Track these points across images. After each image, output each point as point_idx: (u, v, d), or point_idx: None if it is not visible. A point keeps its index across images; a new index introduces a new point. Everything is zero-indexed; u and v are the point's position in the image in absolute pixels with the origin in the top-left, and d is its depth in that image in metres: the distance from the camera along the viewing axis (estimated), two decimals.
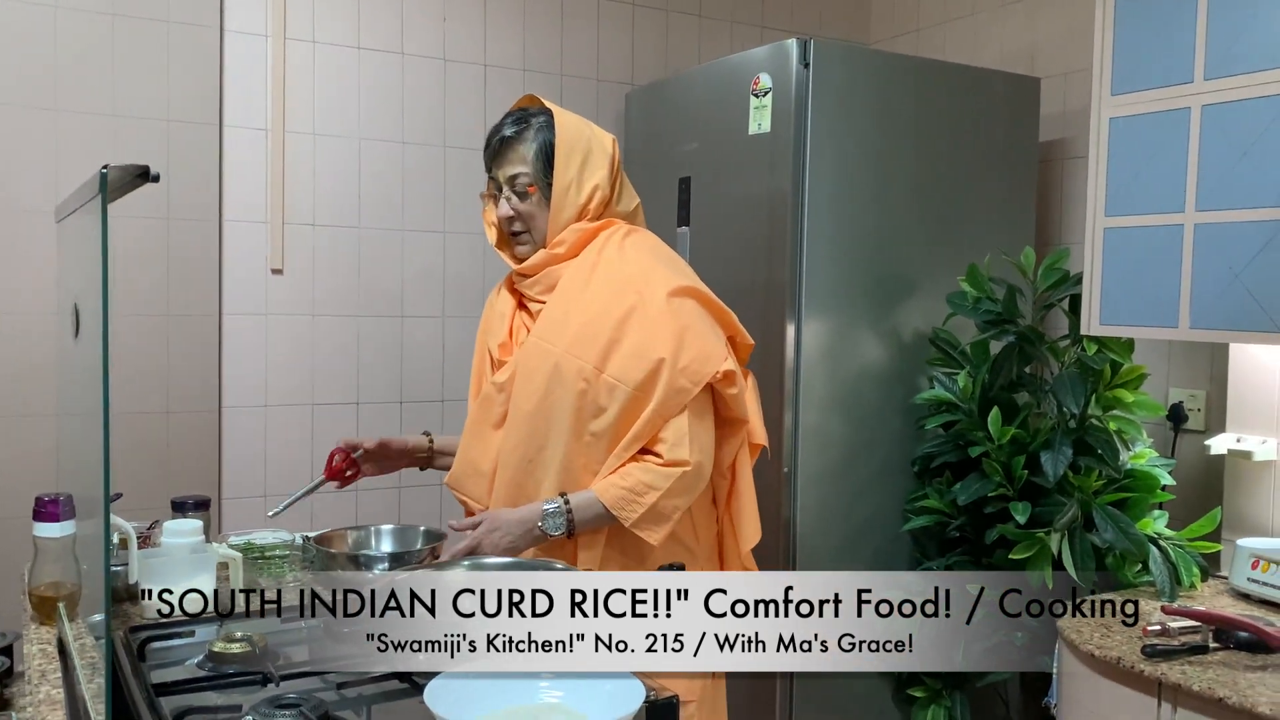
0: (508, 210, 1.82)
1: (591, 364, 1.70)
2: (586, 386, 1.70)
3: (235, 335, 2.71)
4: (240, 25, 2.67)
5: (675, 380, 1.68)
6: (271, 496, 2.75)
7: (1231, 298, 2.00)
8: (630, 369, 1.69)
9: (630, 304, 1.72)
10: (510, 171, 1.82)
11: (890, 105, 2.56)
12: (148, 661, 1.40)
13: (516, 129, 1.83)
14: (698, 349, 1.71)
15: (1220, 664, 1.75)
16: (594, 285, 1.76)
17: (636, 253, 1.80)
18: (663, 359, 1.68)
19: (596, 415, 1.70)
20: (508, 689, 1.12)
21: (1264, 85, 1.94)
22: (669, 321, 1.71)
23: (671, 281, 1.76)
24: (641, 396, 1.68)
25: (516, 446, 1.76)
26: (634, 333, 1.70)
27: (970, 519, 2.45)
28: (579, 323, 1.72)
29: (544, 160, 1.81)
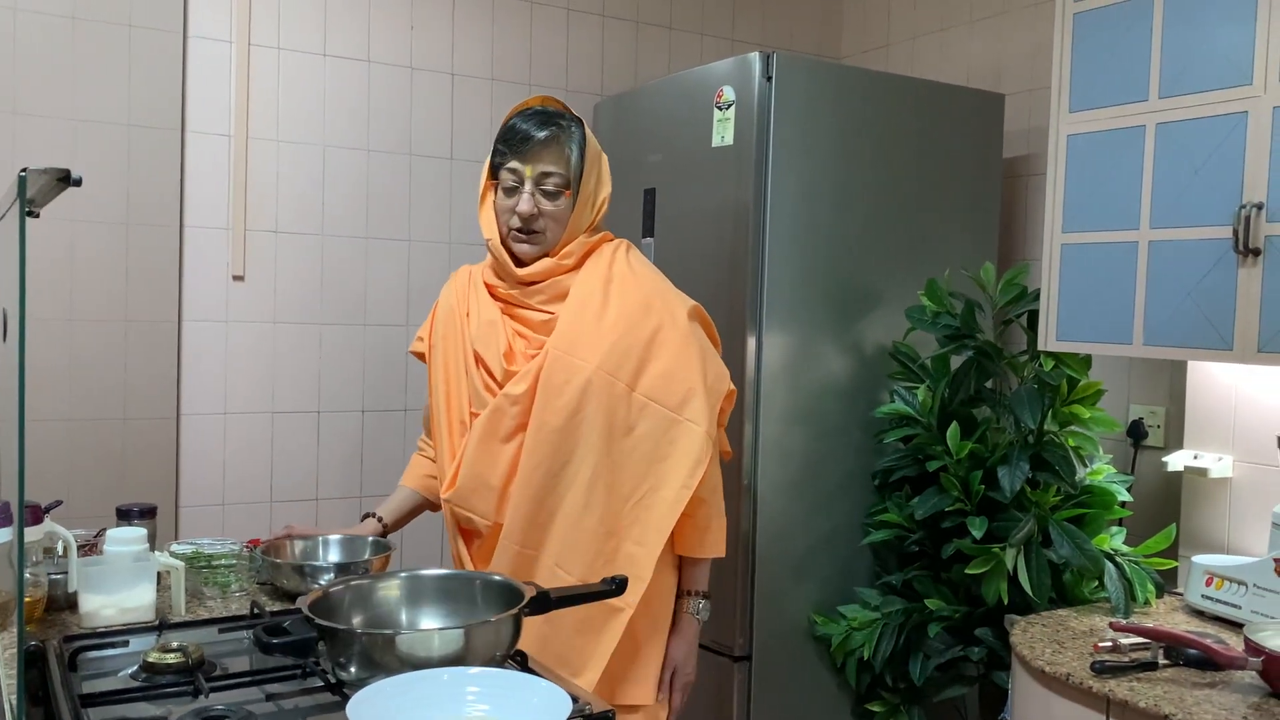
0: (532, 207, 1.77)
1: (624, 382, 1.72)
2: (618, 403, 1.72)
3: (195, 342, 2.68)
4: (204, 30, 2.66)
5: (710, 400, 1.76)
6: (230, 505, 2.73)
7: (1184, 314, 2.01)
8: (662, 389, 1.73)
9: (656, 324, 1.75)
10: (544, 169, 1.78)
11: (854, 119, 2.57)
12: (79, 672, 1.38)
13: (552, 129, 1.79)
14: (715, 369, 1.81)
15: (1168, 681, 1.75)
16: (614, 301, 1.77)
17: (646, 270, 1.85)
18: (697, 381, 1.74)
19: (627, 433, 1.73)
20: (434, 701, 1.10)
21: (1215, 104, 1.96)
22: (694, 343, 1.77)
23: (686, 302, 1.83)
24: (676, 418, 1.73)
25: (540, 462, 1.72)
26: (663, 353, 1.74)
27: (928, 533, 2.45)
28: (609, 340, 1.73)
29: (580, 165, 1.81)
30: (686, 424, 1.72)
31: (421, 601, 1.41)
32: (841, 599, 2.57)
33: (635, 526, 1.73)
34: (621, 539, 1.74)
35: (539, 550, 1.74)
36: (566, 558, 1.72)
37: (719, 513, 1.82)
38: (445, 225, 2.98)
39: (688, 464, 1.72)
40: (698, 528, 1.80)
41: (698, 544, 1.82)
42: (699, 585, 1.87)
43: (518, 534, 1.74)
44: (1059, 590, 2.30)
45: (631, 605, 1.71)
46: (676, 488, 1.72)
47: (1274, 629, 1.78)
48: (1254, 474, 2.21)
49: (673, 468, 1.73)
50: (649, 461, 1.73)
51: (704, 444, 1.73)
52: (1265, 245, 1.87)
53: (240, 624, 1.54)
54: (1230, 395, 2.26)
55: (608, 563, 1.72)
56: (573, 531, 1.72)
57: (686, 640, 1.86)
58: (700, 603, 1.87)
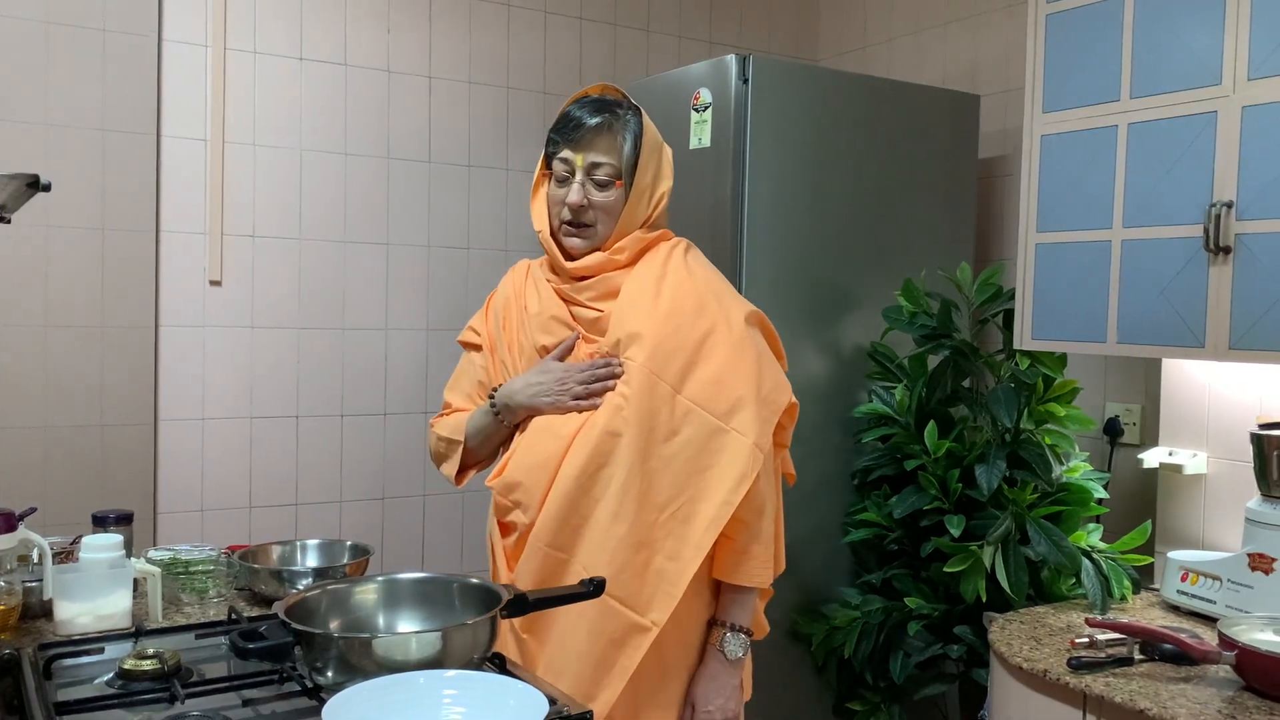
0: (582, 198, 1.71)
1: (668, 383, 1.62)
2: (661, 406, 1.62)
3: (172, 347, 2.67)
4: (179, 35, 2.65)
5: (762, 411, 1.63)
6: (208, 511, 2.72)
7: (1157, 313, 2.02)
8: (709, 395, 1.62)
9: (708, 325, 1.65)
10: (596, 159, 1.71)
11: (830, 121, 2.58)
12: (54, 680, 1.38)
13: (605, 117, 1.72)
14: (773, 378, 1.69)
15: (1144, 676, 1.77)
16: (665, 300, 1.67)
17: (704, 270, 1.75)
18: (748, 389, 1.63)
19: (669, 438, 1.62)
20: (410, 704, 1.10)
21: (1185, 104, 1.98)
22: (749, 349, 1.66)
23: (745, 306, 1.73)
24: (722, 426, 1.61)
25: (580, 460, 1.63)
26: (714, 357, 1.64)
27: (907, 532, 2.46)
28: (656, 338, 1.63)
29: (634, 156, 1.73)
30: (733, 434, 1.60)
31: (399, 605, 1.41)
32: (822, 598, 2.58)
33: (669, 540, 1.61)
34: (654, 552, 1.62)
35: (569, 554, 1.65)
36: (594, 565, 1.61)
37: (764, 539, 1.67)
38: (424, 229, 2.98)
39: (732, 478, 1.60)
40: (735, 551, 1.67)
41: (733, 569, 1.67)
42: (732, 617, 1.71)
43: (546, 534, 1.66)
44: (1037, 587, 2.31)
45: (658, 624, 1.60)
46: (718, 503, 1.60)
47: (1248, 624, 1.80)
48: (1228, 470, 2.23)
49: (715, 480, 1.61)
50: (689, 472, 1.61)
51: (751, 457, 1.60)
52: (1235, 243, 1.89)
53: (217, 629, 1.53)
54: (1204, 392, 2.28)
55: (636, 576, 1.61)
56: (601, 539, 1.62)
57: (709, 675, 1.70)
58: (730, 636, 1.70)
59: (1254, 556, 1.98)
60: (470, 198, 3.04)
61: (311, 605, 1.35)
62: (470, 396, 1.88)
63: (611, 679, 1.61)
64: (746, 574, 1.67)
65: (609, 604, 1.60)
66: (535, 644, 1.68)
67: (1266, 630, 1.77)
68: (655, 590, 1.62)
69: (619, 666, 1.61)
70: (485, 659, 1.31)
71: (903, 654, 2.43)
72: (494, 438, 1.82)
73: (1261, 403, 2.17)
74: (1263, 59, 1.86)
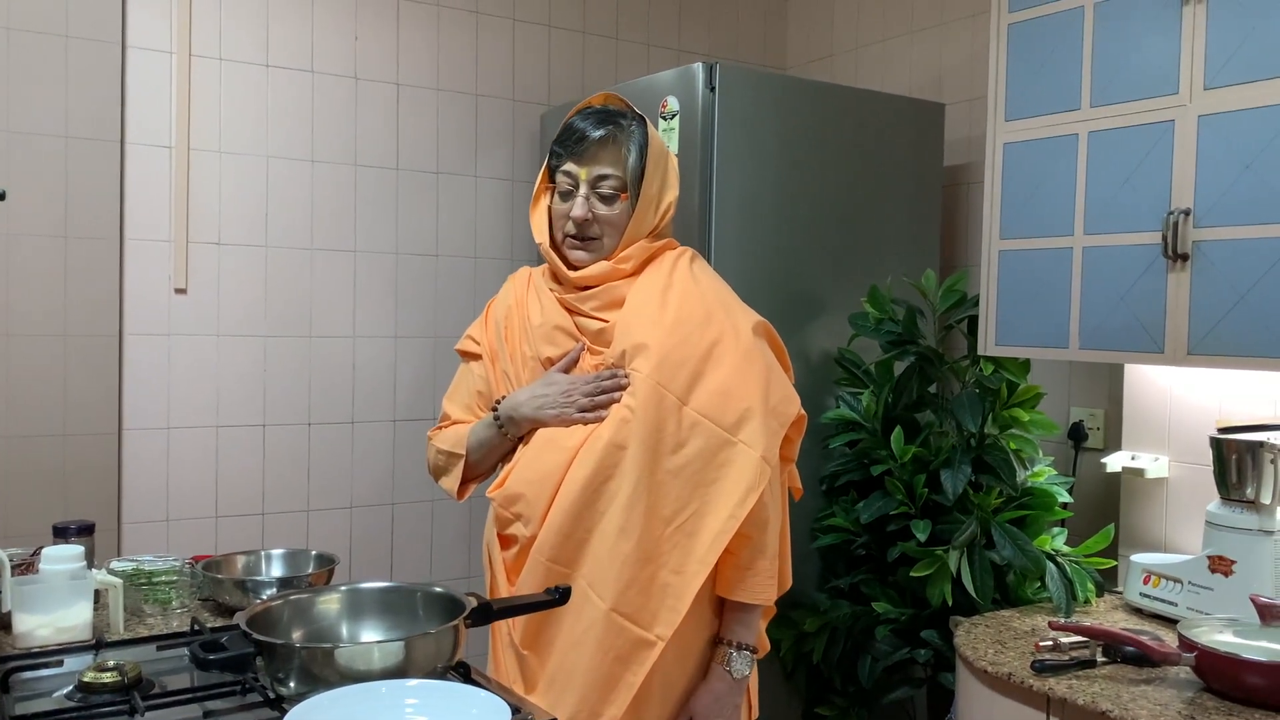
0: (586, 212, 1.70)
1: (675, 395, 1.59)
2: (668, 418, 1.59)
3: (137, 356, 2.65)
4: (143, 41, 2.62)
5: (769, 422, 1.61)
6: (174, 521, 2.69)
7: (1117, 319, 2.05)
8: (717, 407, 1.59)
9: (715, 336, 1.63)
10: (600, 171, 1.70)
11: (797, 129, 2.60)
12: (12, 693, 1.36)
13: (609, 129, 1.72)
14: (781, 391, 1.67)
15: (1106, 678, 1.79)
16: (672, 310, 1.65)
17: (710, 280, 1.74)
18: (756, 400, 1.60)
19: (675, 450, 1.59)
20: (372, 714, 1.10)
21: (1143, 113, 2.01)
22: (757, 360, 1.64)
23: (752, 316, 1.71)
24: (729, 438, 1.58)
25: (584, 473, 1.61)
26: (721, 368, 1.61)
27: (874, 537, 2.48)
28: (663, 349, 1.61)
29: (639, 167, 1.72)
30: (741, 446, 1.58)
31: (362, 615, 1.40)
32: (791, 604, 2.58)
33: (675, 553, 1.59)
34: (659, 566, 1.59)
35: (572, 568, 1.62)
36: (598, 581, 1.59)
37: (768, 554, 1.64)
38: (391, 236, 2.97)
39: (739, 491, 1.57)
40: (738, 566, 1.64)
41: (736, 585, 1.65)
42: (737, 635, 1.68)
43: (548, 548, 1.63)
44: (1002, 591, 2.33)
45: (664, 639, 1.58)
46: (724, 517, 1.57)
47: (1208, 625, 1.82)
48: (1189, 473, 2.26)
49: (721, 493, 1.58)
50: (695, 485, 1.59)
51: (758, 470, 1.57)
52: (1193, 250, 1.92)
53: (179, 641, 1.52)
54: (1165, 397, 2.31)
55: (641, 591, 1.58)
56: (607, 555, 1.59)
57: (712, 692, 1.68)
58: (736, 654, 1.68)
59: (1214, 559, 2.01)
60: (438, 205, 3.03)
61: (274, 616, 1.34)
62: (469, 408, 1.85)
63: (617, 695, 1.59)
64: (750, 590, 1.64)
65: (615, 620, 1.58)
66: (537, 661, 1.66)
67: (1226, 632, 1.79)
68: (660, 605, 1.59)
69: (625, 682, 1.59)
70: (449, 668, 1.31)
71: (870, 658, 2.45)
72: (496, 450, 1.79)
73: (1221, 407, 2.20)
74: (1218, 69, 1.89)
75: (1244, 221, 1.85)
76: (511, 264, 3.09)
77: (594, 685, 1.59)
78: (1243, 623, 1.82)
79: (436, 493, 3.01)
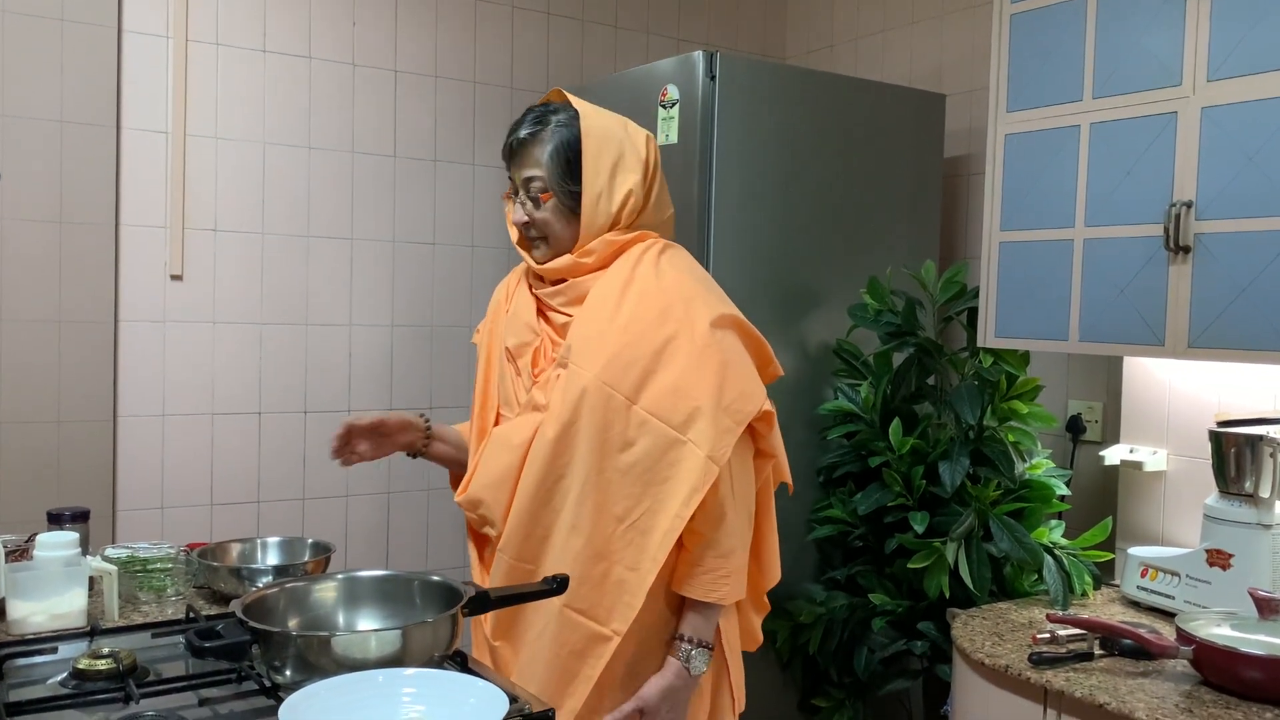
0: (522, 216, 1.73)
1: (623, 394, 1.58)
2: (615, 417, 1.58)
3: (132, 343, 2.63)
4: (139, 25, 2.60)
5: (721, 421, 1.57)
6: (169, 508, 2.68)
7: (1118, 311, 2.04)
8: (667, 405, 1.57)
9: (670, 333, 1.60)
10: (525, 174, 1.72)
11: (797, 119, 2.59)
12: (6, 680, 1.35)
13: (534, 129, 1.72)
14: (739, 387, 1.62)
15: (1103, 671, 1.78)
16: (628, 306, 1.63)
17: (675, 273, 1.69)
18: (705, 397, 1.58)
19: (624, 449, 1.58)
20: (369, 703, 1.09)
21: (1146, 105, 2.00)
22: (712, 356, 1.60)
23: (714, 309, 1.66)
24: (678, 437, 1.57)
25: (536, 473, 1.62)
26: (673, 365, 1.59)
27: (871, 528, 2.47)
28: (613, 347, 1.60)
29: (562, 163, 1.69)
30: (689, 445, 1.56)
31: (359, 603, 1.40)
32: (787, 595, 2.58)
33: (629, 550, 1.60)
34: (613, 563, 1.60)
35: (535, 565, 1.64)
36: None
37: (721, 552, 1.62)
38: (388, 224, 2.95)
39: (684, 490, 1.56)
40: (688, 563, 1.63)
41: (686, 581, 1.63)
42: (692, 629, 1.66)
43: (513, 547, 1.65)
44: (999, 583, 2.33)
45: (619, 633, 1.59)
46: (671, 516, 1.57)
47: (1205, 618, 1.82)
48: (1187, 467, 2.25)
49: (671, 492, 1.58)
50: (647, 483, 1.58)
51: (704, 470, 1.56)
52: (1194, 243, 1.92)
53: (175, 628, 1.51)
54: (1164, 390, 2.30)
55: (595, 587, 1.60)
56: (562, 551, 1.61)
57: (664, 682, 1.65)
58: (691, 650, 1.65)
59: (1211, 552, 2.01)
60: (435, 193, 3.02)
61: (270, 603, 1.34)
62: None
63: (576, 687, 1.61)
64: (701, 587, 1.62)
65: (569, 615, 1.60)
66: (509, 651, 1.68)
67: (1223, 625, 1.79)
68: (616, 601, 1.60)
69: (582, 675, 1.60)
70: (447, 657, 1.31)
71: (867, 650, 2.45)
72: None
73: (1220, 400, 2.20)
74: (1221, 61, 1.88)
75: (1246, 214, 1.85)
76: (509, 253, 3.08)
77: (553, 678, 1.61)
78: (1240, 616, 1.82)
79: (433, 481, 3.00)
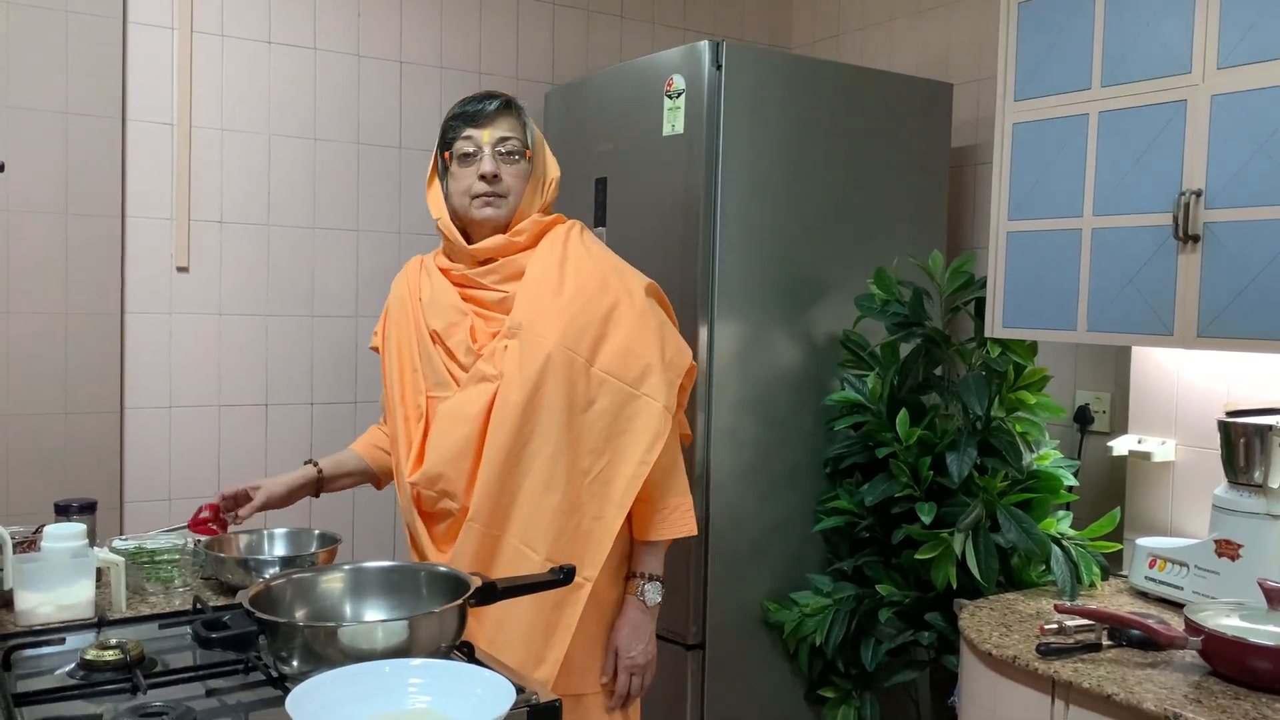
0: (495, 166, 1.79)
1: (583, 357, 1.72)
2: (577, 379, 1.72)
3: (138, 334, 2.64)
4: (144, 17, 2.60)
5: (668, 374, 1.76)
6: (176, 500, 2.69)
7: (1126, 301, 2.03)
8: (620, 364, 1.74)
9: (612, 300, 1.76)
10: (502, 133, 1.80)
11: (803, 108, 2.58)
12: (14, 671, 1.36)
13: (503, 101, 1.83)
14: (675, 344, 1.82)
15: (1112, 661, 1.78)
16: (570, 279, 1.77)
17: (600, 249, 1.86)
18: (654, 355, 1.75)
19: (586, 408, 1.73)
20: (375, 694, 1.09)
21: (1155, 93, 1.98)
22: (651, 319, 1.79)
23: (642, 279, 1.85)
24: (634, 392, 1.74)
25: (504, 441, 1.71)
26: (620, 329, 1.75)
27: (879, 519, 2.47)
28: (566, 315, 1.73)
29: (531, 134, 1.84)
30: (645, 399, 1.73)
31: (365, 594, 1.40)
32: (794, 586, 2.58)
33: (594, 501, 1.73)
34: (582, 515, 1.73)
35: (503, 530, 1.73)
36: (531, 536, 1.71)
37: (679, 490, 1.82)
38: (394, 215, 2.95)
39: (646, 439, 1.73)
40: (653, 509, 1.80)
41: (655, 526, 1.81)
42: (646, 567, 1.84)
43: (484, 515, 1.72)
44: (1007, 574, 2.32)
45: (591, 580, 1.72)
46: (635, 463, 1.73)
47: (1214, 609, 1.81)
48: (1196, 457, 2.24)
49: (631, 442, 1.74)
50: (607, 436, 1.73)
51: (662, 419, 1.74)
52: (1204, 232, 1.90)
53: (182, 619, 1.52)
54: (1173, 380, 2.29)
55: (571, 540, 1.72)
56: (536, 510, 1.71)
57: (630, 622, 1.83)
58: (647, 585, 1.83)
59: (1220, 543, 2.00)
60: None
61: (276, 594, 1.34)
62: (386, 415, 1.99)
63: (557, 637, 1.72)
64: (671, 527, 1.80)
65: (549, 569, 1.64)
66: (474, 621, 1.68)
67: (1232, 615, 1.78)
68: (585, 549, 1.73)
69: (562, 625, 1.72)
70: (453, 647, 1.31)
71: (874, 641, 2.44)
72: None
73: (1229, 390, 2.19)
74: (1231, 48, 1.87)
75: (1256, 203, 1.83)
76: None
77: (536, 632, 1.71)
78: (1249, 607, 1.81)
79: None
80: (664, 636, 2.49)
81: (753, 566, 2.55)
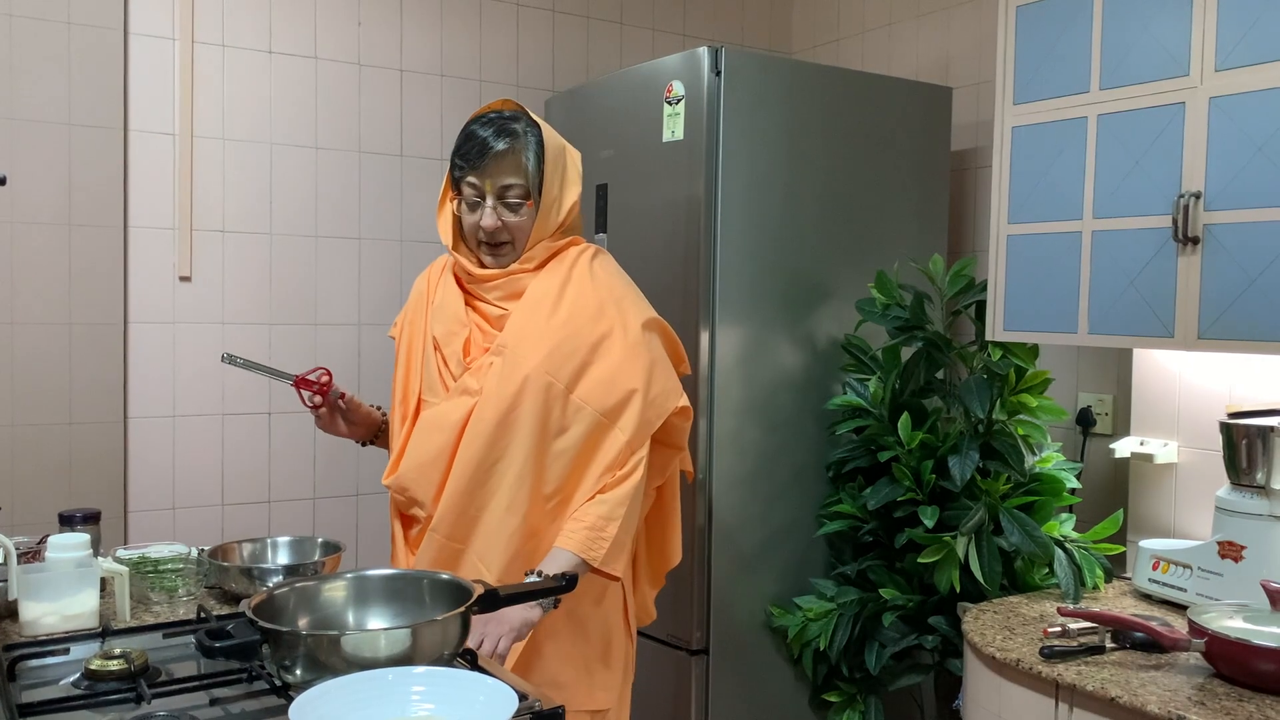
0: (495, 221, 1.77)
1: (562, 383, 1.71)
2: (554, 404, 1.70)
3: (142, 344, 2.64)
4: (145, 28, 2.61)
5: (646, 413, 1.73)
6: (180, 509, 2.69)
7: (1127, 303, 2.03)
8: (599, 395, 1.71)
9: (605, 329, 1.74)
10: (505, 181, 1.76)
11: (803, 114, 2.58)
12: (18, 681, 1.36)
13: (509, 140, 1.76)
14: (663, 384, 1.77)
15: (1115, 664, 1.78)
16: (567, 303, 1.76)
17: (606, 276, 1.82)
18: (635, 390, 1.72)
19: (560, 434, 1.71)
20: (378, 702, 1.10)
21: (1154, 95, 1.99)
22: (642, 354, 1.75)
23: (643, 312, 1.81)
24: (607, 423, 1.71)
25: (473, 457, 1.71)
26: (607, 359, 1.73)
27: (881, 523, 2.47)
28: (553, 340, 1.72)
29: (537, 172, 1.78)
30: (615, 431, 1.72)
31: (368, 602, 1.40)
32: (797, 590, 2.58)
33: (553, 527, 1.72)
34: (541, 539, 1.72)
35: (464, 544, 1.73)
36: (489, 554, 1.71)
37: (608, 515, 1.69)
38: (396, 223, 2.96)
39: (599, 469, 1.71)
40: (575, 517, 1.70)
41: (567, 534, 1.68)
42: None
43: (445, 526, 1.73)
44: (1010, 577, 2.32)
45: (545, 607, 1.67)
46: (586, 489, 1.72)
47: (1217, 611, 1.81)
48: (1198, 459, 2.24)
49: (590, 473, 1.72)
50: (574, 466, 1.72)
51: (619, 452, 1.71)
52: (1204, 234, 1.91)
53: (186, 629, 1.52)
54: (1174, 382, 2.29)
55: (526, 563, 1.69)
56: (496, 529, 1.71)
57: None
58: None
59: (1224, 544, 2.00)
60: None
61: (280, 603, 1.34)
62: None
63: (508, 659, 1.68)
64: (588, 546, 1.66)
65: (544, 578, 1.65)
66: None
67: (1236, 617, 1.78)
68: None
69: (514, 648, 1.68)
70: (456, 655, 1.31)
71: (878, 645, 2.44)
72: None
73: (1231, 391, 2.19)
74: (1229, 50, 1.87)
75: (1255, 205, 1.83)
76: None
77: None
78: (1253, 608, 1.81)
79: None
80: (667, 642, 2.49)
81: (756, 571, 2.55)
